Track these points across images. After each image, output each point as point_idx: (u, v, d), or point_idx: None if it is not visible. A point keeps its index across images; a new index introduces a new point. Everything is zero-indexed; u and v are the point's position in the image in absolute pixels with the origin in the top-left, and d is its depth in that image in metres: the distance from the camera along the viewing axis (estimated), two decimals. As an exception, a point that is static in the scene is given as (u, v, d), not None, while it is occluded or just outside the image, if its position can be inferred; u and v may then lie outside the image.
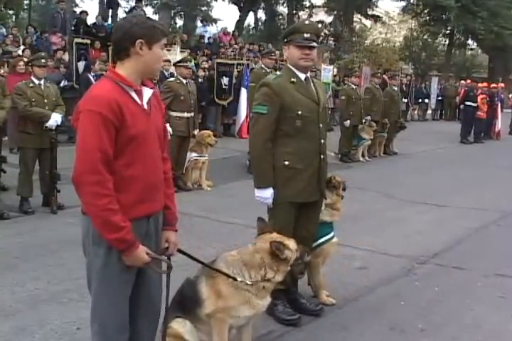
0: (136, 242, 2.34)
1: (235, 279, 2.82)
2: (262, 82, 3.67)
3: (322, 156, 3.69)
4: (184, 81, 7.72)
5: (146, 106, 2.44)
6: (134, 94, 2.40)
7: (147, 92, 2.47)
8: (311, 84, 3.70)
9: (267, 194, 3.55)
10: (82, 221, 2.43)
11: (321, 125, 3.67)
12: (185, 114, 7.65)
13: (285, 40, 3.64)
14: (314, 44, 3.58)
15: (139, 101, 2.41)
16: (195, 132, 8.01)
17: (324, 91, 3.83)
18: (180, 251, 2.67)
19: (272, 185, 3.56)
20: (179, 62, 8.13)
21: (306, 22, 3.73)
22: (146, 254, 2.38)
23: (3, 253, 4.92)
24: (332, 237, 4.04)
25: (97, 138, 2.25)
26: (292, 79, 3.60)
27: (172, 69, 10.24)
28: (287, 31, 3.69)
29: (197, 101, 8.31)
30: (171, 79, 8.05)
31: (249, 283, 2.84)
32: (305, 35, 3.53)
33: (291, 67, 3.66)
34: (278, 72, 3.76)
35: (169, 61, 10.88)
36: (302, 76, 3.64)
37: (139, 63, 2.38)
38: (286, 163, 3.58)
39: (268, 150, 3.55)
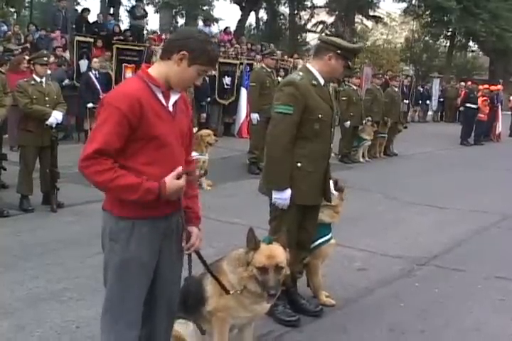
0: (161, 182, 2.32)
1: (227, 292, 2.78)
2: (288, 82, 3.62)
3: (328, 160, 3.72)
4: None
5: (171, 109, 2.44)
6: (160, 96, 2.40)
7: (174, 95, 2.47)
8: (327, 89, 3.72)
9: (286, 195, 3.51)
10: (103, 216, 2.46)
11: (332, 129, 3.70)
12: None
13: (338, 51, 3.54)
14: None
15: (164, 103, 2.42)
16: (194, 131, 7.99)
17: (334, 96, 3.86)
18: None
19: (290, 186, 3.53)
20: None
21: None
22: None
23: (2, 251, 4.90)
24: (330, 238, 4.03)
25: (106, 131, 2.27)
26: (313, 82, 3.57)
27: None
28: (348, 47, 3.60)
29: (195, 100, 8.29)
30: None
31: (239, 292, 2.81)
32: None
33: (312, 69, 3.61)
34: (301, 73, 3.63)
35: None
36: (322, 81, 3.62)
37: (172, 71, 2.39)
38: (299, 164, 3.55)
39: (289, 152, 3.50)
